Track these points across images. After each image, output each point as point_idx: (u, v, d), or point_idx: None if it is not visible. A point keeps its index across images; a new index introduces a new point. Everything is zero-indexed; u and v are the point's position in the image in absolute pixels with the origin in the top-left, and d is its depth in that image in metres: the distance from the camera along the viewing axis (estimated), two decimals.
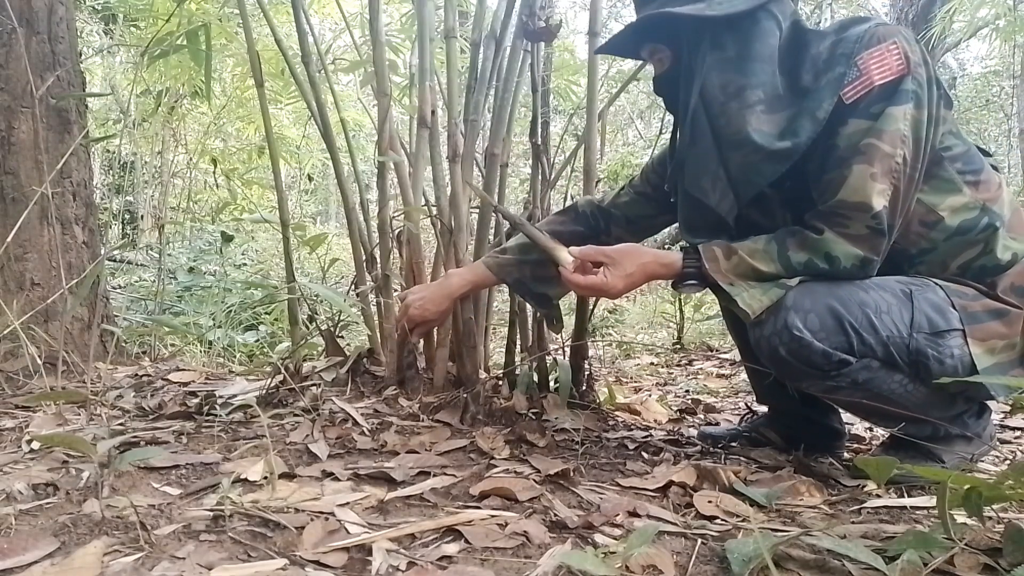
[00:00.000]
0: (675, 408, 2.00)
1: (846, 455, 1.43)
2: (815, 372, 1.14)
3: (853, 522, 0.97)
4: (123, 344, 2.30)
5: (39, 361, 1.61)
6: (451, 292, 1.48)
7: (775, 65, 1.17)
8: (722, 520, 0.95)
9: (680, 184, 1.31)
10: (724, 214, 1.23)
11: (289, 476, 1.04)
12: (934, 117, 1.13)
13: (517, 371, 1.64)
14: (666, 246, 3.47)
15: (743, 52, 1.17)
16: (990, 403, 1.27)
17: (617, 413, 1.74)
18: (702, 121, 1.21)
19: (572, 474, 1.09)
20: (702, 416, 1.93)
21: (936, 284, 1.16)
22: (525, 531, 0.84)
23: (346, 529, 0.84)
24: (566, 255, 1.29)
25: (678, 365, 3.24)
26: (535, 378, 1.63)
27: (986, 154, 1.25)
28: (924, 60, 1.12)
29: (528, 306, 1.67)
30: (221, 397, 1.54)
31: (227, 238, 3.86)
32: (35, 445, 1.14)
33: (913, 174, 1.12)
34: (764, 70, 1.16)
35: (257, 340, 3.31)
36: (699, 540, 0.85)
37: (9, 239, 1.77)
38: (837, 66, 1.12)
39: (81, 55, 2.63)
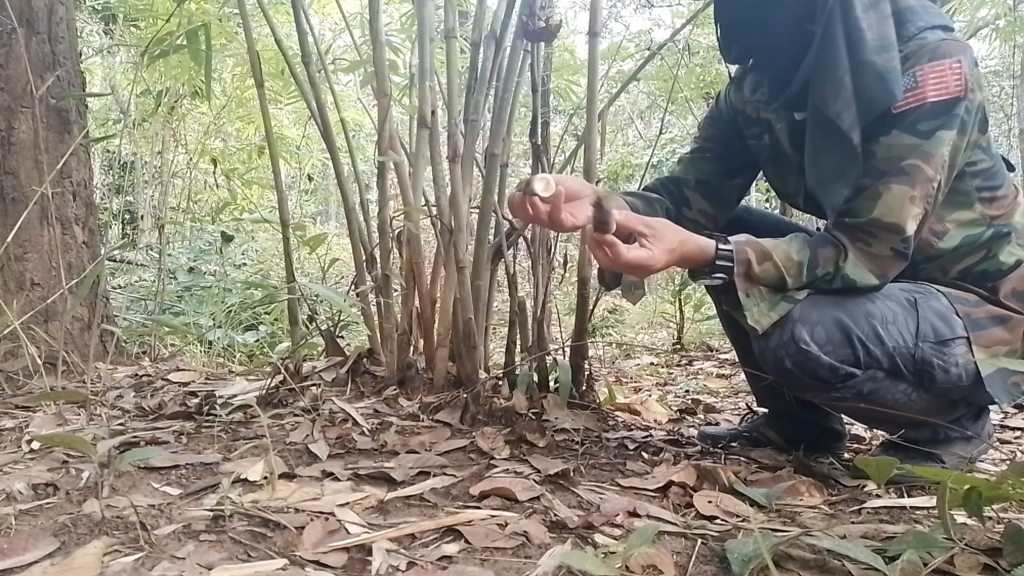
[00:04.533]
0: (675, 408, 2.00)
1: (846, 455, 1.43)
2: (820, 384, 1.12)
3: (853, 522, 0.97)
4: (123, 344, 2.30)
5: (39, 361, 1.61)
6: None
7: None
8: (722, 520, 0.95)
9: (802, 117, 1.20)
10: (846, 129, 1.10)
11: (289, 476, 1.04)
12: (971, 143, 1.12)
13: (517, 371, 1.64)
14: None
15: None
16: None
17: (617, 413, 1.74)
18: (836, 23, 1.10)
19: (572, 474, 1.09)
20: (702, 416, 1.93)
21: (938, 291, 1.16)
22: (525, 531, 0.84)
23: (346, 529, 0.84)
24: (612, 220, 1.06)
25: (678, 365, 3.24)
26: (535, 378, 1.63)
27: (1011, 168, 1.23)
28: (980, 85, 1.09)
29: (528, 306, 1.67)
30: (221, 397, 1.54)
31: (227, 238, 3.86)
32: (35, 445, 1.14)
33: (940, 198, 1.11)
34: None
35: (257, 340, 3.31)
36: (699, 540, 0.85)
37: (9, 239, 1.77)
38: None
39: (81, 55, 2.63)
